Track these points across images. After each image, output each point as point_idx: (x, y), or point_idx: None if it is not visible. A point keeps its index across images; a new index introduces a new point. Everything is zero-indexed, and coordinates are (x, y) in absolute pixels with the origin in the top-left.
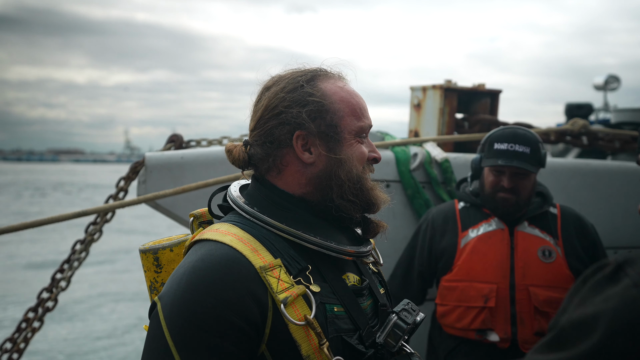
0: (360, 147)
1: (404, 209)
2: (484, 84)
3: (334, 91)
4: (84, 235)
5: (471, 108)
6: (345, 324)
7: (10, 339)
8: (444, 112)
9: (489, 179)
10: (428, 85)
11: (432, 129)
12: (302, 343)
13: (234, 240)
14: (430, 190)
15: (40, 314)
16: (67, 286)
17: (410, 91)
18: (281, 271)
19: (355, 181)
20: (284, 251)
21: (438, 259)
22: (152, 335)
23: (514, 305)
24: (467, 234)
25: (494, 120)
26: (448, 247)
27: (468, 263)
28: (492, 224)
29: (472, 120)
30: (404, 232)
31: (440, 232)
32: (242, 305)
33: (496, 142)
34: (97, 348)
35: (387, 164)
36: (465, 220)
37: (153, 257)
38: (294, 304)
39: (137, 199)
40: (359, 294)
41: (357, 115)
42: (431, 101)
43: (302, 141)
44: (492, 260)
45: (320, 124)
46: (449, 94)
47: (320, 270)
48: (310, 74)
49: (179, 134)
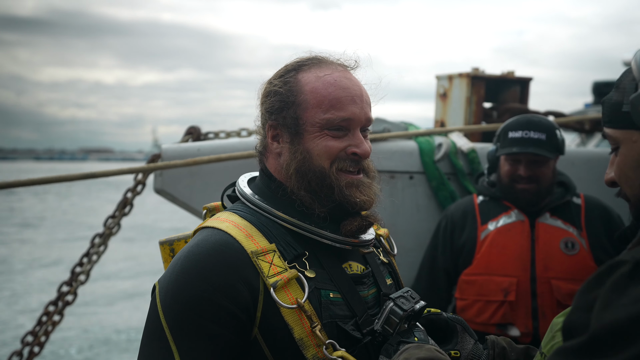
0: (327, 140)
1: (428, 201)
2: (514, 72)
3: (307, 81)
4: (103, 228)
5: (500, 97)
6: (341, 311)
7: (32, 332)
8: (471, 102)
9: (505, 168)
10: (454, 73)
11: (458, 119)
12: (295, 326)
13: (230, 227)
14: (455, 182)
15: (60, 308)
16: (87, 280)
17: (435, 80)
18: (275, 256)
19: (318, 175)
20: (280, 237)
21: (459, 254)
22: (149, 317)
23: (535, 299)
24: (487, 227)
25: (524, 109)
26: (468, 241)
27: (487, 256)
28: (512, 216)
29: (500, 109)
30: (428, 225)
31: (460, 227)
32: (233, 289)
33: (510, 131)
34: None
35: (411, 155)
36: (484, 213)
37: (169, 248)
38: (287, 287)
39: (175, 163)
40: (359, 282)
41: (325, 107)
42: (458, 90)
43: (273, 131)
44: (511, 253)
45: (286, 116)
46: (476, 82)
47: (319, 258)
48: (300, 62)
49: (197, 126)
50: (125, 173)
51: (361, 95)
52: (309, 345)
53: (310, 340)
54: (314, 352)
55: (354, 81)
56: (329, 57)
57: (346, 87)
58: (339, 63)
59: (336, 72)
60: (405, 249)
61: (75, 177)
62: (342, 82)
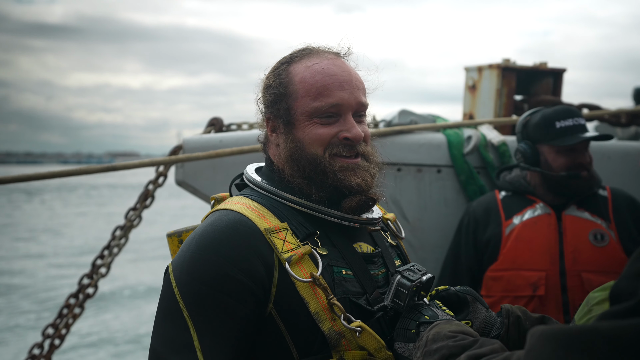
0: (317, 128)
1: (457, 195)
2: (546, 63)
3: (297, 72)
4: (124, 221)
5: (531, 89)
6: (353, 287)
7: (53, 324)
8: (502, 94)
9: (558, 161)
10: (484, 64)
11: (488, 112)
12: (310, 300)
13: (242, 208)
14: (485, 176)
15: (81, 300)
16: (107, 272)
17: (464, 72)
18: (287, 234)
19: (311, 162)
20: (292, 217)
21: (483, 251)
22: (163, 297)
23: (566, 293)
24: (512, 221)
25: (558, 101)
26: (492, 237)
27: (513, 251)
28: (538, 209)
29: (532, 101)
30: (457, 220)
31: (483, 223)
32: (248, 263)
33: (557, 121)
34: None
35: (439, 148)
36: (508, 208)
37: (178, 240)
38: (300, 263)
39: (196, 155)
40: (369, 261)
41: (313, 95)
42: (487, 82)
43: (272, 123)
44: (539, 246)
45: (279, 107)
46: (507, 73)
47: (330, 237)
48: (292, 55)
49: (219, 117)
50: (146, 165)
51: (350, 81)
52: (324, 319)
53: (325, 314)
54: (329, 325)
55: (343, 67)
56: (321, 46)
57: (333, 73)
58: (330, 51)
59: (325, 61)
60: (432, 245)
61: (95, 170)
62: (330, 69)
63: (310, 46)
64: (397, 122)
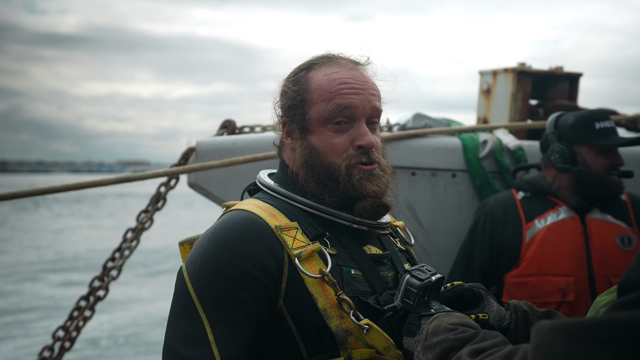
0: (331, 137)
1: (472, 200)
2: (562, 67)
3: (315, 79)
4: (135, 223)
5: (547, 93)
6: (362, 287)
7: (63, 326)
8: (517, 98)
9: (599, 161)
10: (499, 68)
11: (503, 117)
12: (319, 297)
13: (253, 207)
14: (501, 181)
15: (92, 303)
16: (119, 275)
17: (479, 76)
18: (297, 232)
19: (326, 169)
20: (302, 218)
21: (500, 254)
22: (176, 294)
23: (595, 298)
24: (533, 224)
25: (574, 106)
26: (511, 240)
27: (539, 256)
28: (561, 213)
29: (548, 106)
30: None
31: (501, 224)
32: (259, 257)
33: (597, 122)
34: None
35: (454, 152)
36: (528, 210)
37: (190, 248)
38: (310, 260)
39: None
40: (379, 262)
41: (327, 99)
42: (502, 86)
43: (287, 127)
44: (565, 251)
45: (296, 113)
46: (522, 77)
47: (339, 239)
48: (312, 61)
49: (232, 119)
50: (161, 176)
51: (365, 88)
52: (332, 316)
53: (333, 311)
54: (337, 322)
55: (360, 77)
56: (341, 54)
57: (349, 82)
58: (349, 59)
59: (344, 70)
60: (446, 250)
61: (109, 182)
62: (347, 78)
63: (331, 54)
64: (412, 126)
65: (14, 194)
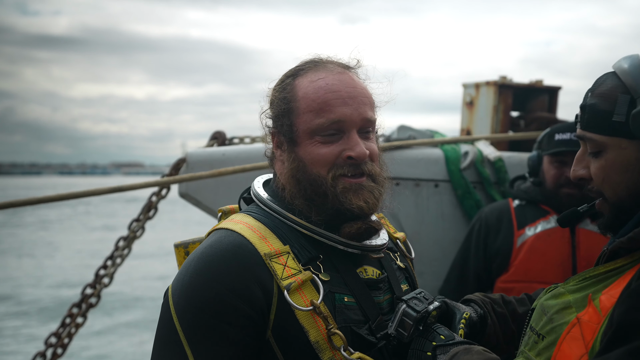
0: (319, 148)
1: (454, 210)
2: (542, 80)
3: (301, 87)
4: (127, 232)
5: (527, 106)
6: (355, 315)
7: (55, 333)
8: (498, 110)
9: (550, 172)
10: (481, 81)
11: (485, 128)
12: (310, 329)
13: (243, 229)
14: (482, 191)
15: (84, 310)
16: (110, 282)
17: (462, 88)
18: (289, 258)
19: (312, 183)
20: (294, 240)
21: (493, 259)
22: (162, 321)
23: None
24: (524, 232)
25: (553, 118)
26: (503, 246)
27: (526, 263)
28: (551, 222)
29: (528, 118)
30: (453, 234)
31: (495, 230)
32: (248, 290)
33: (557, 133)
34: None
35: (436, 163)
36: (521, 218)
37: (184, 251)
38: (301, 289)
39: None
40: (374, 287)
41: (315, 111)
42: (485, 98)
43: (276, 138)
44: (551, 259)
45: (283, 123)
46: (503, 90)
47: (333, 262)
48: (298, 67)
49: (222, 130)
50: (152, 186)
51: (355, 96)
52: (324, 348)
53: (326, 343)
54: (330, 355)
55: (349, 83)
56: (329, 58)
57: (336, 89)
58: (338, 63)
59: (330, 75)
60: (429, 258)
61: (100, 192)
62: (333, 85)
63: (318, 58)
64: (396, 137)
65: (9, 204)
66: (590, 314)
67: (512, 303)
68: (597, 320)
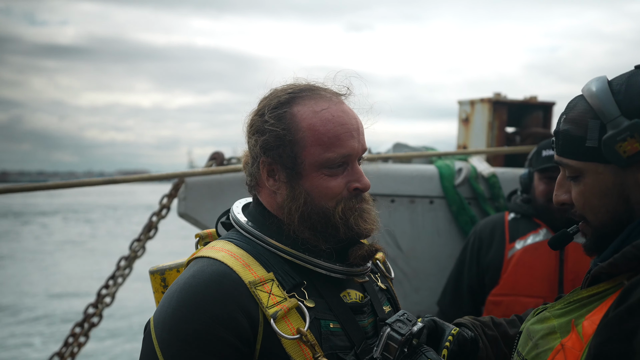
0: (327, 181)
1: (449, 225)
2: (536, 96)
3: (304, 117)
4: (128, 252)
5: (522, 121)
6: (341, 341)
7: (58, 353)
8: (493, 126)
9: (539, 188)
10: (476, 98)
11: (480, 144)
12: (297, 357)
13: (226, 257)
14: (476, 207)
15: (86, 329)
16: (112, 302)
17: (458, 105)
18: (273, 285)
19: (322, 216)
20: (278, 266)
21: (485, 272)
22: (144, 354)
23: None
24: (514, 245)
25: (548, 133)
26: (494, 259)
27: (513, 276)
28: (540, 235)
29: (523, 134)
30: (449, 250)
31: (487, 244)
32: (233, 321)
33: (544, 150)
34: None
35: (431, 180)
36: (513, 231)
37: (160, 278)
38: (287, 317)
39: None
40: (358, 311)
41: (326, 144)
42: (480, 115)
43: (268, 167)
44: (538, 272)
45: (282, 153)
46: (498, 107)
47: (317, 287)
48: (292, 94)
49: (221, 151)
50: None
51: (358, 128)
52: None
53: None
54: None
55: (351, 114)
56: (321, 85)
57: (344, 122)
58: (333, 92)
59: (333, 106)
60: (425, 273)
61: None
62: (340, 117)
63: (310, 85)
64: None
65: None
66: (574, 340)
67: (502, 325)
68: (579, 347)
